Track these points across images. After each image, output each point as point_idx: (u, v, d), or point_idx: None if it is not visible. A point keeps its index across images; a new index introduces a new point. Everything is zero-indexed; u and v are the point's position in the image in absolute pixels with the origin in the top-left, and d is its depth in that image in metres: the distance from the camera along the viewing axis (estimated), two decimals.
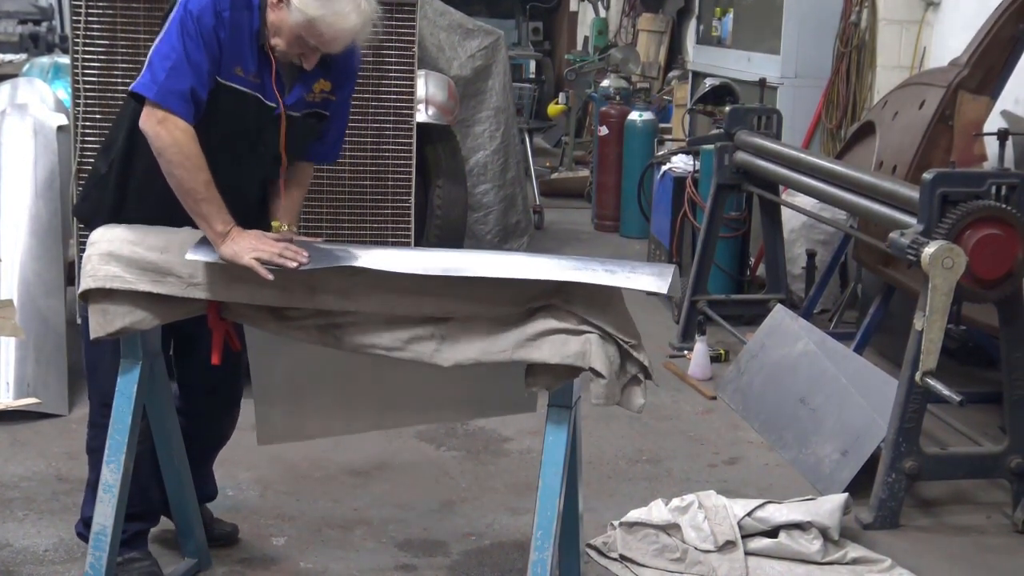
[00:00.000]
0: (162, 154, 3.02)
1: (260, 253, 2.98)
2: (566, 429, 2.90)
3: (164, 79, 3.00)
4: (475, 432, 4.92)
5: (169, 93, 3.00)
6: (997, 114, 5.35)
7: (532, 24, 14.54)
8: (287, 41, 3.09)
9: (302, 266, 2.98)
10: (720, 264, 6.67)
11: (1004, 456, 4.20)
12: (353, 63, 3.35)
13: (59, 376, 5.04)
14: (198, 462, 3.68)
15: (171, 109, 3.00)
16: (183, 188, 3.03)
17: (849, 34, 7.15)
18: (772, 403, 5.00)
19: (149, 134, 3.03)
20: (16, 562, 3.71)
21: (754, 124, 6.11)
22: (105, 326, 3.07)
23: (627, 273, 2.91)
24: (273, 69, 3.15)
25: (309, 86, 3.24)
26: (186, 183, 3.02)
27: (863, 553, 3.86)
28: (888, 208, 4.53)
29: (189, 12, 3.02)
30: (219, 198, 3.05)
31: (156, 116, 3.01)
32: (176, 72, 3.00)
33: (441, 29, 7.32)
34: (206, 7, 3.03)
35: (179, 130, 3.00)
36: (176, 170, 3.02)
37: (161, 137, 3.01)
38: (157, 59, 3.03)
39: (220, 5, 3.05)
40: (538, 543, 2.84)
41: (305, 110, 3.27)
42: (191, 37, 3.01)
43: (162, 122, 3.01)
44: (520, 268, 2.94)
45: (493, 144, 7.64)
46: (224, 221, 3.02)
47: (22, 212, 5.37)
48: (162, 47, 3.04)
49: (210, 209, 3.02)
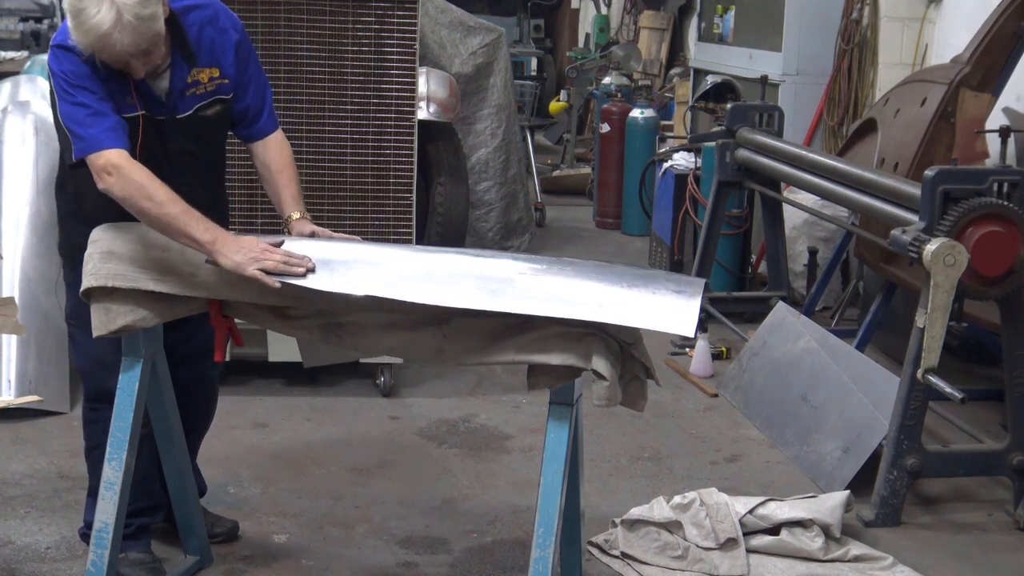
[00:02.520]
0: (126, 201, 3.03)
1: (263, 264, 2.95)
2: (567, 426, 2.90)
3: (88, 130, 3.05)
4: (477, 429, 4.92)
5: (100, 136, 3.03)
6: (999, 111, 5.35)
7: (533, 21, 14.53)
8: (114, 64, 3.06)
9: (308, 274, 2.94)
10: (721, 261, 6.67)
11: (1006, 453, 4.19)
12: (229, 37, 3.29)
13: (60, 373, 5.04)
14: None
15: (106, 147, 3.03)
16: (158, 223, 3.02)
17: (851, 31, 7.14)
18: (774, 400, 5.00)
19: (107, 190, 3.04)
20: (18, 559, 3.71)
21: (755, 121, 6.11)
22: (108, 324, 3.07)
23: (650, 295, 2.84)
24: (133, 86, 3.14)
25: (184, 82, 3.22)
26: (153, 212, 3.00)
27: (865, 551, 3.86)
28: (890, 205, 4.53)
29: (63, 72, 3.07)
30: (192, 209, 3.01)
31: (104, 169, 3.03)
32: (95, 117, 3.05)
33: (442, 26, 7.31)
34: (73, 60, 3.05)
35: (125, 168, 3.01)
36: (141, 205, 3.01)
37: (118, 186, 3.02)
38: (70, 122, 3.08)
39: (83, 55, 3.03)
40: (539, 540, 2.84)
41: (199, 103, 3.26)
42: (81, 87, 3.06)
43: (111, 172, 3.02)
44: (536, 297, 2.86)
45: (495, 141, 7.63)
46: (206, 229, 2.99)
47: (23, 209, 5.37)
48: (65, 109, 3.09)
49: (187, 225, 2.98)
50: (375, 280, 2.93)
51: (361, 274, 2.97)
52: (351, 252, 3.10)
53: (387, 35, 5.00)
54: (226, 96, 3.32)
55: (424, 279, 2.94)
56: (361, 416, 5.00)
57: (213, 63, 3.26)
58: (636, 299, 2.84)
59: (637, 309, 2.82)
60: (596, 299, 2.83)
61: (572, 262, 3.03)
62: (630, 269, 3.02)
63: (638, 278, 2.92)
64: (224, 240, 2.98)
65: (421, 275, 2.96)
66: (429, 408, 5.13)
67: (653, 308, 2.82)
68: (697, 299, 2.85)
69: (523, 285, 2.92)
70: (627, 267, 3.05)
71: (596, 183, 9.41)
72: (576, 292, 2.87)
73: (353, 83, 4.98)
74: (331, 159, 5.00)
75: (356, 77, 4.98)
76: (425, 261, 3.05)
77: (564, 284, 2.92)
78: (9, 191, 5.41)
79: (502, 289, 2.90)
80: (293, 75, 4.91)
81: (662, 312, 2.82)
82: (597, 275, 2.94)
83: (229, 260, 2.96)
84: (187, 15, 3.20)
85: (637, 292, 2.87)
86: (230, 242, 2.98)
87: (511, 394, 5.29)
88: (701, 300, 2.85)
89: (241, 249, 2.96)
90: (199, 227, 2.98)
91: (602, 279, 2.91)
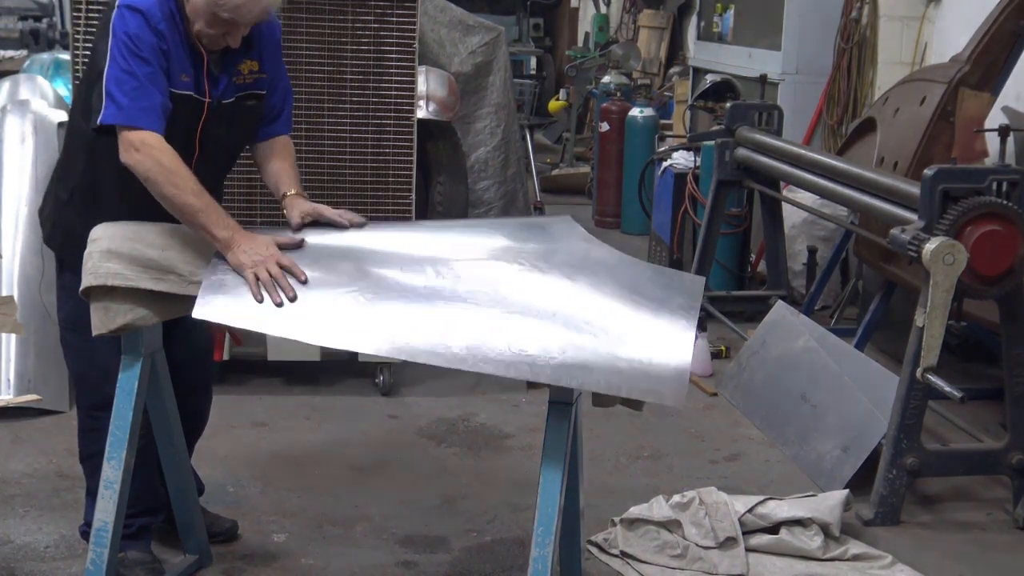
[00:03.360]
0: (147, 180, 3.03)
1: (259, 270, 2.96)
2: (567, 425, 2.90)
3: (130, 102, 3.02)
4: (476, 428, 4.92)
5: (140, 112, 3.02)
6: (998, 110, 5.35)
7: (533, 20, 14.53)
8: (206, 22, 3.10)
9: (286, 301, 2.94)
10: (721, 260, 6.67)
11: (1005, 452, 4.19)
12: (275, 34, 3.36)
13: (60, 372, 5.03)
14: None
15: (143, 127, 3.02)
16: (175, 206, 3.03)
17: (850, 30, 7.14)
18: (773, 399, 5.00)
19: (131, 164, 3.03)
20: (17, 558, 3.71)
21: (755, 120, 6.11)
22: (107, 323, 3.07)
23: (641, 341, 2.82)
24: (205, 62, 3.18)
25: (234, 69, 3.25)
26: (177, 200, 3.02)
27: (864, 549, 3.85)
28: (889, 204, 4.53)
29: (127, 35, 3.03)
30: (214, 204, 3.05)
31: (132, 143, 3.02)
32: (141, 91, 3.03)
33: (442, 25, 7.31)
34: (141, 25, 3.04)
35: (156, 149, 3.02)
36: (164, 191, 3.02)
37: (142, 163, 3.02)
38: (114, 86, 3.03)
39: (153, 20, 3.06)
40: (539, 539, 2.84)
41: (238, 93, 3.28)
42: (139, 56, 3.03)
43: (139, 148, 3.02)
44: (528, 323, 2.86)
45: (494, 140, 7.63)
46: (224, 227, 3.02)
47: (23, 208, 5.36)
48: (114, 73, 3.04)
49: (207, 219, 3.01)
50: (335, 324, 2.92)
51: (332, 308, 2.94)
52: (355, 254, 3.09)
53: (386, 34, 5.00)
54: (260, 92, 3.34)
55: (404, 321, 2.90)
56: (360, 415, 5.00)
57: (256, 56, 3.29)
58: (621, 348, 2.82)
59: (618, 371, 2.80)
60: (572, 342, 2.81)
61: (565, 258, 3.03)
62: (627, 269, 3.01)
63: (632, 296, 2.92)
64: (238, 239, 3.00)
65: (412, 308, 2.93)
66: (428, 407, 5.13)
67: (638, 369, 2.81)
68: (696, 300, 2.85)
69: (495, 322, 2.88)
70: (624, 264, 3.05)
71: (595, 182, 9.40)
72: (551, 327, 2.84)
73: (352, 82, 4.98)
74: (330, 158, 5.00)
75: (355, 76, 4.98)
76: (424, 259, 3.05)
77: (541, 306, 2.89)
78: (8, 190, 5.40)
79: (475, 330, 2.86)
80: (292, 74, 4.83)
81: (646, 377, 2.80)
82: (590, 287, 2.94)
83: (235, 257, 2.99)
84: None
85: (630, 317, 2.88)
86: (243, 241, 3.00)
87: (510, 393, 5.28)
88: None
89: (250, 249, 2.98)
90: (219, 223, 3.01)
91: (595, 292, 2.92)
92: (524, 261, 3.03)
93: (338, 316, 2.92)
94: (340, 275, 3.01)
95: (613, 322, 2.87)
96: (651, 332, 2.87)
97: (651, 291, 2.98)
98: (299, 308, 2.94)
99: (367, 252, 3.10)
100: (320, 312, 2.94)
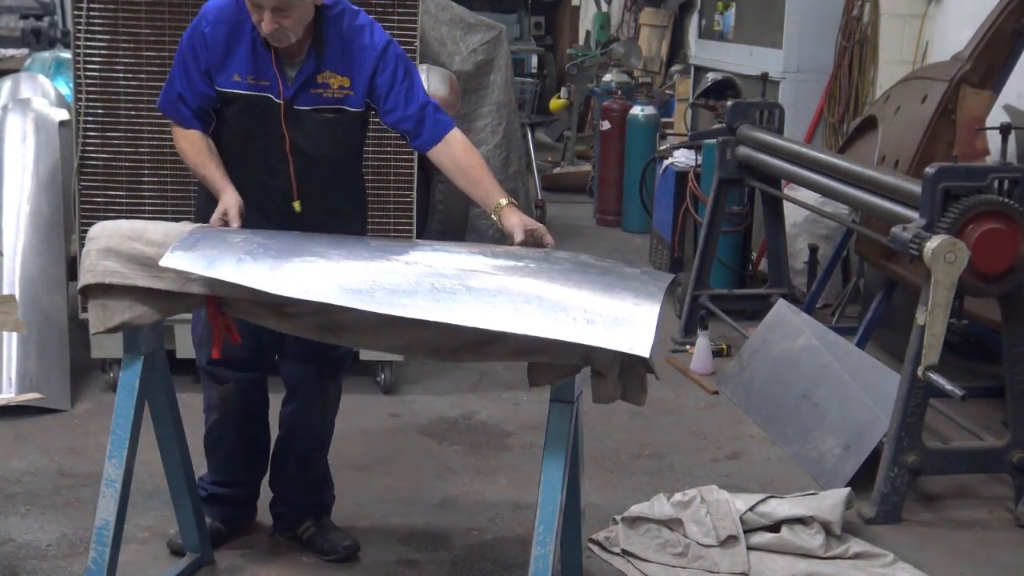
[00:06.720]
0: (179, 151, 3.53)
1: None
2: (568, 424, 2.90)
3: (162, 93, 3.51)
4: (477, 427, 4.92)
5: (165, 103, 3.50)
6: (999, 108, 5.35)
7: (534, 19, 14.51)
8: (253, 12, 3.26)
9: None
10: (722, 259, 6.67)
11: (1006, 451, 4.19)
12: (363, 56, 3.42)
13: (61, 371, 5.04)
14: (305, 462, 3.82)
15: (166, 113, 3.52)
16: (191, 167, 3.52)
17: (851, 28, 7.14)
18: (774, 398, 5.00)
19: (176, 140, 3.54)
20: (18, 557, 3.71)
21: (756, 119, 6.10)
22: (105, 321, 3.08)
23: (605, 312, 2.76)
24: (273, 60, 3.35)
25: (308, 77, 3.38)
26: (189, 166, 3.52)
27: (865, 548, 3.86)
28: (890, 203, 4.53)
29: (183, 38, 3.44)
30: (215, 172, 3.40)
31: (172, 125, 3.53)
32: (169, 85, 3.48)
33: (443, 23, 7.30)
34: (193, 28, 3.41)
35: (178, 135, 3.50)
36: (186, 160, 3.52)
37: (175, 139, 3.53)
38: (169, 81, 3.49)
39: (203, 23, 3.39)
40: (540, 538, 2.84)
41: (320, 104, 3.40)
42: (180, 58, 3.44)
43: (173, 129, 3.52)
44: (512, 310, 2.80)
45: (495, 139, 7.62)
46: (222, 188, 3.37)
47: (24, 206, 5.37)
48: (172, 70, 3.50)
49: (208, 177, 3.42)
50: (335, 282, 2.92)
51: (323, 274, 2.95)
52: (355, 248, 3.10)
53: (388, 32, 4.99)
54: (352, 108, 3.44)
55: (393, 290, 2.88)
56: (362, 413, 4.99)
57: (347, 73, 3.41)
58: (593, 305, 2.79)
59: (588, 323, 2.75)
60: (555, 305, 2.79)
61: (535, 260, 3.03)
62: (594, 266, 3.01)
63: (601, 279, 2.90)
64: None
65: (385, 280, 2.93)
66: (430, 405, 5.13)
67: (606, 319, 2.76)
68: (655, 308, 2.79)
69: (480, 286, 2.88)
70: (592, 262, 3.06)
71: (596, 180, 9.41)
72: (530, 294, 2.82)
73: None
74: None
75: None
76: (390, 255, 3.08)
77: (522, 285, 2.87)
78: (10, 189, 5.40)
79: (456, 296, 2.84)
80: None
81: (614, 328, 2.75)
82: (562, 276, 2.91)
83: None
84: (337, 22, 3.40)
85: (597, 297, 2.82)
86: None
87: (511, 391, 5.29)
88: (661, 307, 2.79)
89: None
90: (216, 183, 3.39)
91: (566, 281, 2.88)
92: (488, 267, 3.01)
93: (287, 270, 2.93)
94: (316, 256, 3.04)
95: (578, 290, 2.84)
96: (618, 291, 2.84)
97: (618, 271, 3.01)
98: (252, 263, 2.97)
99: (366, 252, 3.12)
100: (270, 267, 2.96)
